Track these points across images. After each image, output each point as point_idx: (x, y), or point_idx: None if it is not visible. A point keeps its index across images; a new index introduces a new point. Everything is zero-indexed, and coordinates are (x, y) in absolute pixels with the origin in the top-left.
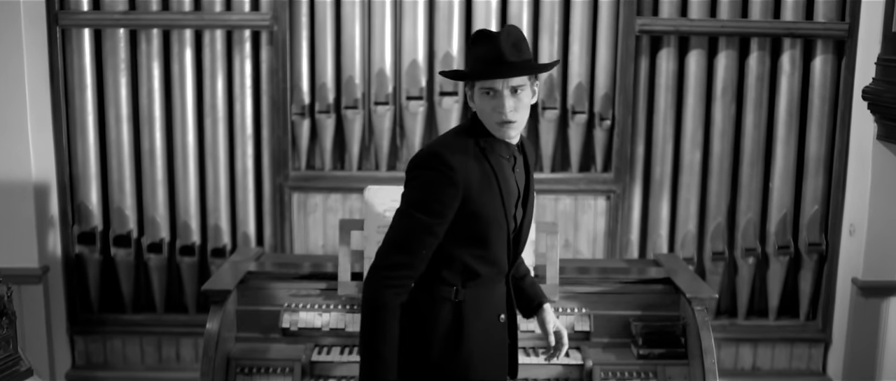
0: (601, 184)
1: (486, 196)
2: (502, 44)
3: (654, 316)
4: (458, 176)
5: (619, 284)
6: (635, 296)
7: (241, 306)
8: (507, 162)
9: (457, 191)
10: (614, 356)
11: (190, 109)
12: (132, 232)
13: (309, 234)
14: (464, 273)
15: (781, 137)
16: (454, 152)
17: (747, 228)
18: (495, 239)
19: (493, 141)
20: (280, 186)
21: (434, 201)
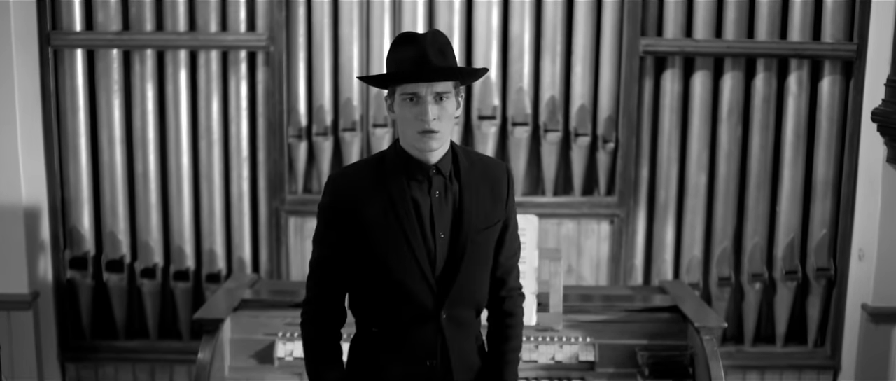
0: (604, 208)
1: (381, 219)
2: (427, 47)
3: (660, 346)
4: (340, 196)
5: (624, 312)
6: (641, 325)
7: (234, 335)
8: (420, 183)
9: (340, 212)
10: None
11: (184, 132)
12: (125, 257)
13: (305, 259)
14: (377, 309)
15: (789, 159)
16: (345, 172)
17: (754, 252)
18: (399, 270)
19: (401, 160)
20: (276, 209)
21: (324, 229)
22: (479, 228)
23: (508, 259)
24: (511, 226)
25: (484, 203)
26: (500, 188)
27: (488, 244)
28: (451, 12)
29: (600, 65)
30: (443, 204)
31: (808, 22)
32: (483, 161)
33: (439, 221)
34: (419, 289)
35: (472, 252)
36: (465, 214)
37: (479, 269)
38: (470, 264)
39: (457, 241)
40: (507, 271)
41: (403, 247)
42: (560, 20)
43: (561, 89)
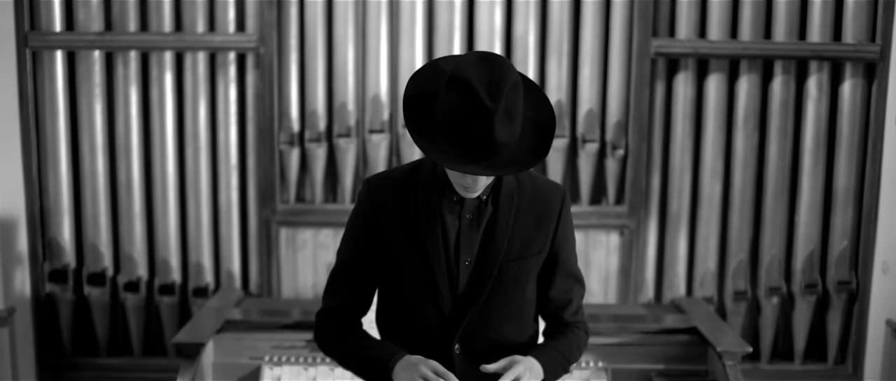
0: (614, 218)
1: (404, 235)
2: (497, 119)
3: (678, 371)
4: (368, 203)
5: (639, 334)
6: (657, 347)
7: (218, 359)
8: (451, 202)
9: (367, 220)
10: None
11: (170, 138)
12: (107, 270)
13: (298, 272)
14: (392, 330)
15: (808, 167)
16: (379, 179)
17: (771, 265)
18: (414, 293)
19: (434, 175)
20: (267, 220)
21: (350, 237)
22: (512, 257)
23: (563, 294)
24: (563, 259)
25: (523, 230)
26: (549, 215)
27: (524, 277)
28: (451, 12)
29: (609, 67)
30: (473, 228)
31: (828, 22)
32: (534, 183)
33: (466, 245)
34: (432, 316)
35: (500, 284)
36: (495, 239)
37: (509, 302)
38: (496, 295)
39: (483, 268)
40: (560, 307)
41: (422, 269)
42: (566, 20)
43: (568, 93)
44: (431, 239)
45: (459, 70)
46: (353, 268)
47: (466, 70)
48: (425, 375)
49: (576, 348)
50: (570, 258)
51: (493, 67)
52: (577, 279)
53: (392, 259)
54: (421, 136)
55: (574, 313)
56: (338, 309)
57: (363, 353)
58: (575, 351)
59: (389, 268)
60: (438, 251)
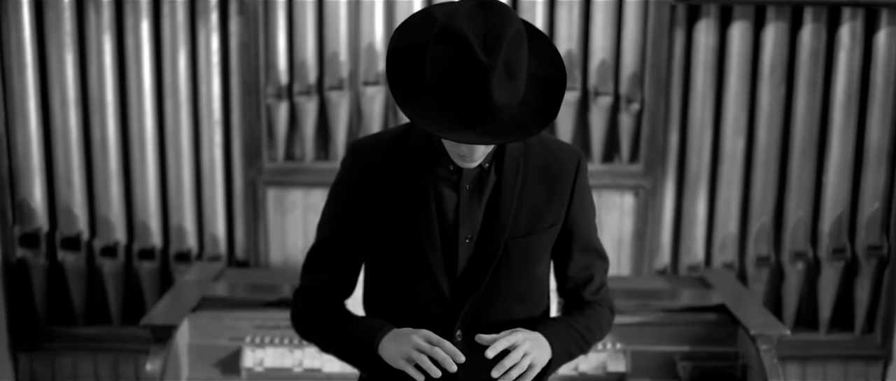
0: (628, 178)
1: (393, 209)
2: (494, 77)
3: (705, 354)
4: (352, 170)
5: (661, 312)
6: (682, 328)
7: (194, 340)
8: (447, 172)
9: (350, 190)
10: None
11: (147, 92)
12: (82, 234)
13: (287, 236)
14: (385, 316)
15: (838, 123)
16: (365, 143)
17: (797, 228)
18: (408, 274)
19: (427, 140)
20: (253, 180)
21: (331, 209)
22: (518, 232)
23: (581, 271)
24: (580, 233)
25: (532, 201)
26: (562, 183)
27: (534, 254)
28: None
29: (624, 14)
30: (474, 200)
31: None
32: (545, 146)
33: (466, 220)
34: (429, 300)
35: (507, 263)
36: (500, 213)
37: (516, 282)
38: (502, 275)
39: (486, 246)
40: (579, 285)
41: (415, 248)
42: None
43: (579, 42)
44: (424, 214)
45: (451, 20)
46: (334, 244)
47: (459, 20)
48: (418, 345)
49: (596, 326)
50: (588, 231)
51: (491, 16)
52: (597, 254)
53: (380, 236)
54: (406, 99)
55: (595, 291)
56: (316, 289)
57: (345, 330)
58: (596, 329)
59: (377, 245)
60: (432, 228)
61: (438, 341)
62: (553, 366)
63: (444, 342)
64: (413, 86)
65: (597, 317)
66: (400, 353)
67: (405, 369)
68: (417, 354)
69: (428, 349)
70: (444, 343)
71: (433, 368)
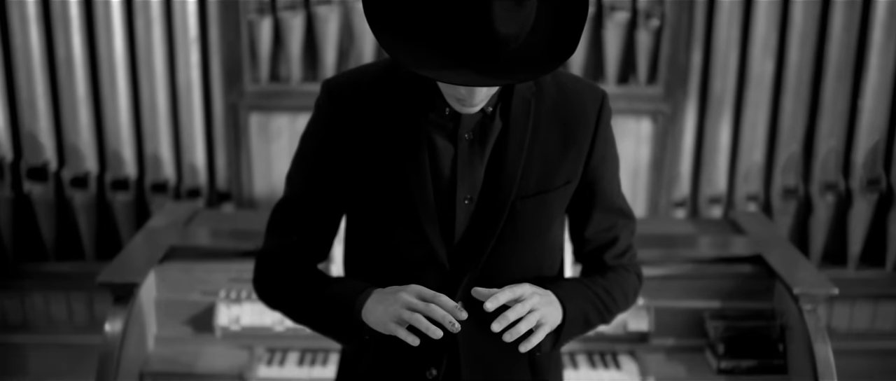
0: (646, 102)
1: (378, 164)
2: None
3: (738, 311)
4: (330, 114)
5: (688, 263)
6: (712, 281)
7: (161, 295)
8: (443, 119)
9: (325, 138)
10: (684, 368)
11: (116, 5)
12: (49, 163)
13: (272, 166)
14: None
15: (878, 43)
16: (346, 81)
17: (828, 158)
18: (398, 240)
19: (418, 80)
20: (234, 104)
21: (302, 159)
22: (528, 191)
23: (602, 233)
24: (602, 189)
25: (546, 153)
26: (582, 131)
27: (547, 217)
28: None
29: None
30: (475, 153)
31: None
32: (561, 86)
33: (464, 177)
34: (421, 270)
35: (513, 228)
36: (506, 168)
37: (525, 251)
38: (508, 243)
39: (489, 208)
40: (600, 248)
41: (405, 210)
42: None
43: None
44: (415, 170)
45: None
46: (306, 201)
47: None
48: (409, 303)
49: (620, 292)
50: (611, 187)
51: None
52: (621, 213)
53: (361, 194)
54: (386, 30)
55: (619, 256)
56: (282, 251)
57: (320, 294)
58: (619, 296)
59: (359, 205)
60: (425, 186)
61: (433, 296)
62: (566, 332)
63: (440, 297)
64: (395, 13)
65: (621, 282)
66: (388, 315)
67: (396, 332)
68: (410, 313)
69: (422, 307)
70: (441, 298)
71: (432, 327)
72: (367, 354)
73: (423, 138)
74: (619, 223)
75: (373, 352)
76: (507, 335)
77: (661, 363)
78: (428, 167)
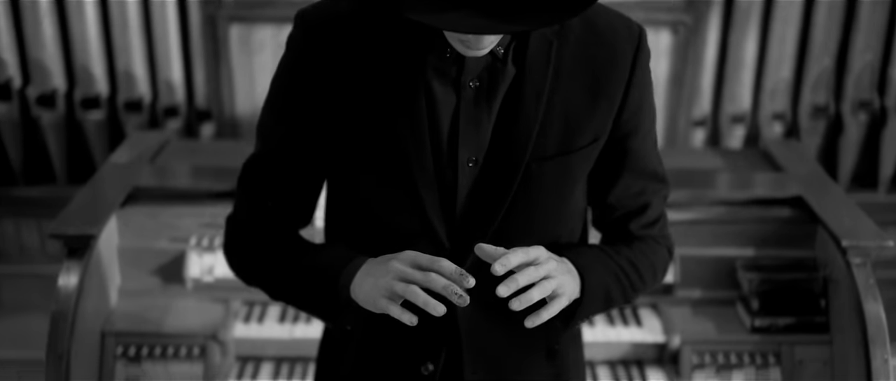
0: (665, 12)
1: (364, 115)
2: None
3: (775, 260)
4: (305, 53)
5: (719, 206)
6: (745, 226)
7: (125, 242)
8: (443, 64)
9: (299, 82)
10: (712, 325)
11: None
12: (13, 80)
13: (255, 81)
14: None
15: None
16: (324, 14)
17: (863, 73)
18: (388, 209)
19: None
20: (212, 16)
21: (274, 107)
22: (547, 152)
23: (630, 199)
24: (635, 148)
25: (569, 105)
26: (614, 78)
27: (568, 182)
28: None
29: None
30: (481, 105)
31: None
32: (589, 24)
33: (469, 134)
34: (416, 244)
35: (527, 194)
36: (520, 123)
37: (542, 222)
38: (520, 213)
39: (498, 172)
40: (626, 216)
41: (396, 174)
42: None
43: None
44: (409, 125)
45: None
46: (278, 158)
47: None
48: (403, 273)
49: (647, 265)
50: (645, 145)
51: None
52: (654, 176)
53: (344, 150)
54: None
55: (647, 225)
56: (256, 216)
57: (300, 265)
58: (646, 270)
59: (341, 164)
60: (421, 145)
61: (431, 261)
62: (584, 308)
63: (441, 262)
64: None
65: (648, 254)
66: (378, 289)
67: (388, 310)
68: (404, 285)
69: (419, 278)
70: (441, 263)
71: (432, 301)
72: (350, 348)
73: (419, 86)
74: (650, 188)
75: (357, 346)
76: (516, 302)
77: (687, 319)
78: (425, 122)
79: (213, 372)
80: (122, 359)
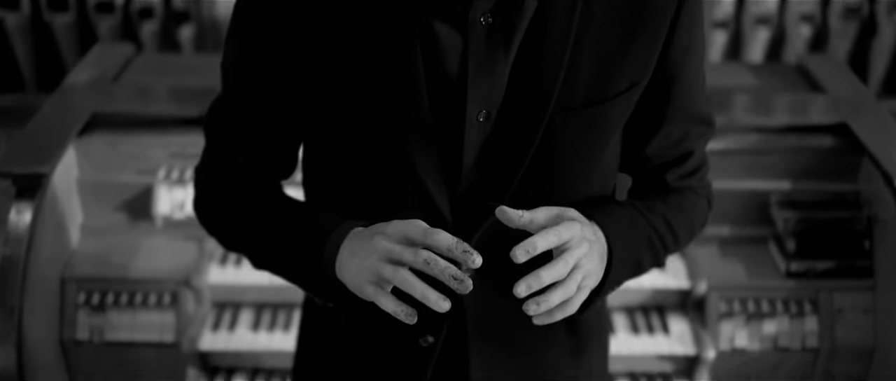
0: None
1: (352, 64)
2: None
3: (814, 196)
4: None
5: (752, 134)
6: (781, 156)
7: (85, 175)
8: (443, 3)
9: (268, 17)
10: (742, 267)
11: None
12: None
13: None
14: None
15: None
16: None
17: None
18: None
19: None
20: None
21: (239, 38)
22: (575, 102)
23: (671, 148)
24: (680, 88)
25: (602, 45)
26: (658, 10)
27: (601, 137)
28: None
29: None
30: (494, 47)
31: None
32: None
33: (480, 83)
34: (412, 215)
35: (550, 154)
36: (541, 69)
37: (567, 187)
38: (541, 178)
39: (515, 128)
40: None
41: (386, 132)
42: None
43: None
44: (402, 71)
45: None
46: (245, 102)
47: None
48: (390, 252)
49: (685, 226)
50: (694, 86)
51: None
52: (699, 119)
53: (320, 103)
54: None
55: (687, 175)
56: (226, 169)
57: (279, 231)
58: (683, 232)
59: (316, 119)
60: (417, 96)
61: (424, 234)
62: (608, 285)
63: (436, 234)
64: None
65: (686, 211)
66: (364, 273)
67: (378, 301)
68: (393, 270)
69: (410, 259)
70: (437, 236)
71: (431, 293)
72: (338, 314)
73: (413, 24)
74: (693, 133)
75: (346, 311)
76: (532, 304)
77: (715, 261)
78: (422, 67)
79: (186, 321)
80: (85, 308)
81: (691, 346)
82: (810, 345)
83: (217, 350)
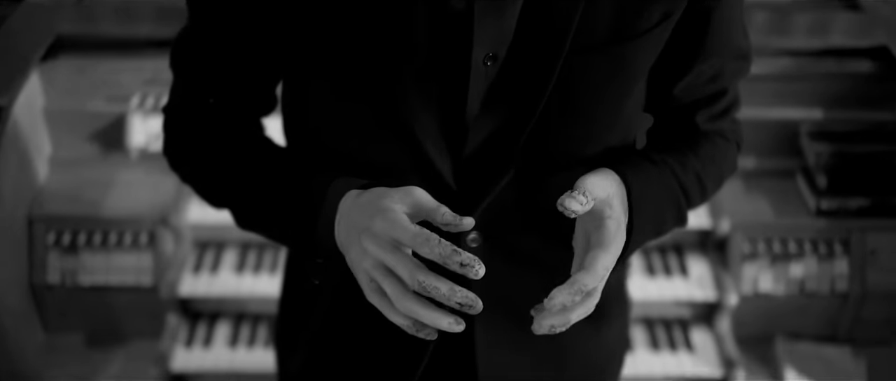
0: None
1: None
2: None
3: (848, 126)
4: None
5: (784, 57)
6: (812, 83)
7: (52, 104)
8: None
9: None
10: (768, 203)
11: None
12: None
13: None
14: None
15: None
16: None
17: None
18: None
19: None
20: None
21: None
22: (594, 40)
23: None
24: (717, 22)
25: None
26: None
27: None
28: None
29: None
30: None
31: None
32: None
33: (487, 22)
34: (410, 179)
35: (567, 102)
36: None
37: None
38: (559, 127)
39: (527, 72)
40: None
41: (375, 82)
42: None
43: None
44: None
45: None
46: (213, 35)
47: None
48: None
49: (714, 176)
50: (732, 16)
51: None
52: (737, 54)
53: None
54: None
55: (718, 116)
56: (196, 109)
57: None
58: (711, 183)
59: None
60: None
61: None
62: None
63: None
64: None
65: (717, 160)
66: (361, 275)
67: (383, 311)
68: (382, 275)
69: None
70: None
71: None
72: (324, 292)
73: None
74: (728, 69)
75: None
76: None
77: (739, 197)
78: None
79: (164, 263)
80: (56, 249)
81: (712, 290)
82: (840, 289)
83: (198, 295)
